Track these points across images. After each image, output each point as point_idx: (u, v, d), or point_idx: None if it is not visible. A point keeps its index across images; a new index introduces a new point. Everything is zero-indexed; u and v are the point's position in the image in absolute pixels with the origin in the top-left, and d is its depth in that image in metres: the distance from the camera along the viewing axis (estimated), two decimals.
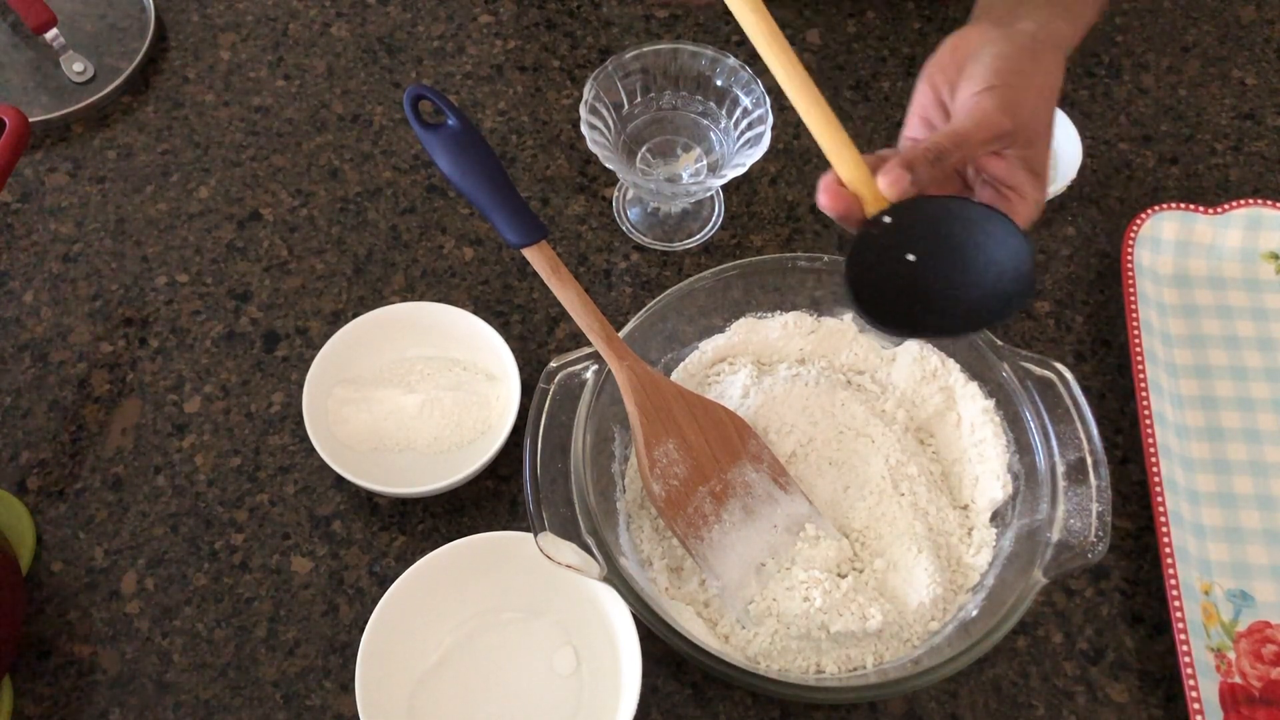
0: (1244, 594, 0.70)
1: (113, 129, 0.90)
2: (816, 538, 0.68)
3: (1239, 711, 0.66)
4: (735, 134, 0.81)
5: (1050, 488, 0.66)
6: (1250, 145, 0.90)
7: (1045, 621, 0.71)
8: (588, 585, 0.65)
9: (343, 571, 0.72)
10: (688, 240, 0.84)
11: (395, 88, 0.92)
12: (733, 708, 0.69)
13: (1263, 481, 0.74)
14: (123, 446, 0.77)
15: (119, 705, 0.68)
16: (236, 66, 0.93)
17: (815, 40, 0.95)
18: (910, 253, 0.58)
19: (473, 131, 0.68)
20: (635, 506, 0.71)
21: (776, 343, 0.76)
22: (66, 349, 0.80)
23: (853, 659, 0.66)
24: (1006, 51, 0.62)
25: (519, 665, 0.68)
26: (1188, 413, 0.76)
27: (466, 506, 0.74)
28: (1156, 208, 0.82)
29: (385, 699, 0.64)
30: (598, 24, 0.96)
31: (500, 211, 0.67)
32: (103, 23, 0.95)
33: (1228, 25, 0.96)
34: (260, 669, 0.69)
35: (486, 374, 0.77)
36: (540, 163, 0.89)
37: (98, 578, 0.72)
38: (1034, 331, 0.81)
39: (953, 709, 0.68)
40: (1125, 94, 0.92)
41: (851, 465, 0.71)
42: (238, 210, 0.86)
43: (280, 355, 0.80)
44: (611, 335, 0.68)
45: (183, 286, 0.83)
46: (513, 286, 0.83)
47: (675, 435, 0.67)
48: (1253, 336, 0.79)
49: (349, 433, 0.74)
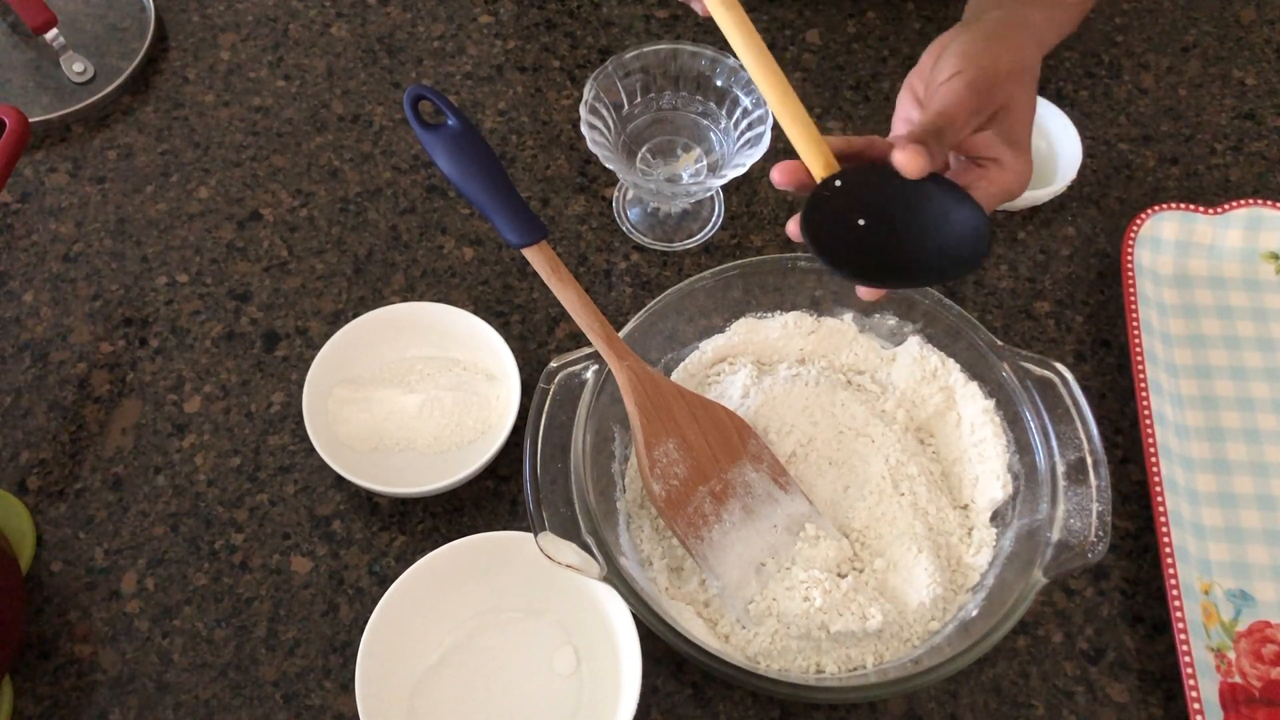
0: (1244, 594, 0.70)
1: (113, 129, 0.90)
2: (816, 538, 0.68)
3: (1239, 711, 0.66)
4: (735, 134, 0.81)
5: (1050, 488, 0.66)
6: (1250, 145, 0.90)
7: (1045, 621, 0.71)
8: (588, 585, 0.65)
9: (343, 571, 0.72)
10: (688, 240, 0.85)
11: (395, 88, 0.92)
12: (733, 708, 0.69)
13: (1263, 481, 0.74)
14: (123, 446, 0.77)
15: (119, 705, 0.68)
16: (236, 66, 0.93)
17: (815, 40, 0.95)
18: (861, 217, 0.60)
19: (473, 132, 0.68)
20: (635, 506, 0.71)
21: (776, 343, 0.76)
22: (66, 349, 0.80)
23: (853, 659, 0.66)
24: (971, 38, 0.66)
25: (519, 665, 0.68)
26: (1188, 413, 0.76)
27: (466, 506, 0.74)
28: (1156, 208, 0.82)
29: (385, 699, 0.64)
30: (598, 24, 0.96)
31: (500, 211, 0.67)
32: (103, 23, 0.95)
33: (1228, 25, 0.96)
34: (260, 669, 0.69)
35: (486, 374, 0.77)
36: (540, 163, 0.89)
37: (98, 578, 0.72)
38: (1034, 331, 0.81)
39: (953, 709, 0.68)
40: (1125, 94, 0.92)
41: (851, 465, 0.71)
42: (238, 210, 0.86)
43: (280, 355, 0.80)
44: (611, 335, 0.68)
45: (183, 286, 0.83)
46: (513, 286, 0.83)
47: (675, 435, 0.67)
48: (1253, 336, 0.79)
49: (349, 433, 0.74)
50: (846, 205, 0.60)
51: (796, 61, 0.94)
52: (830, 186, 0.60)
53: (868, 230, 0.59)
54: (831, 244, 0.59)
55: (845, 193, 0.60)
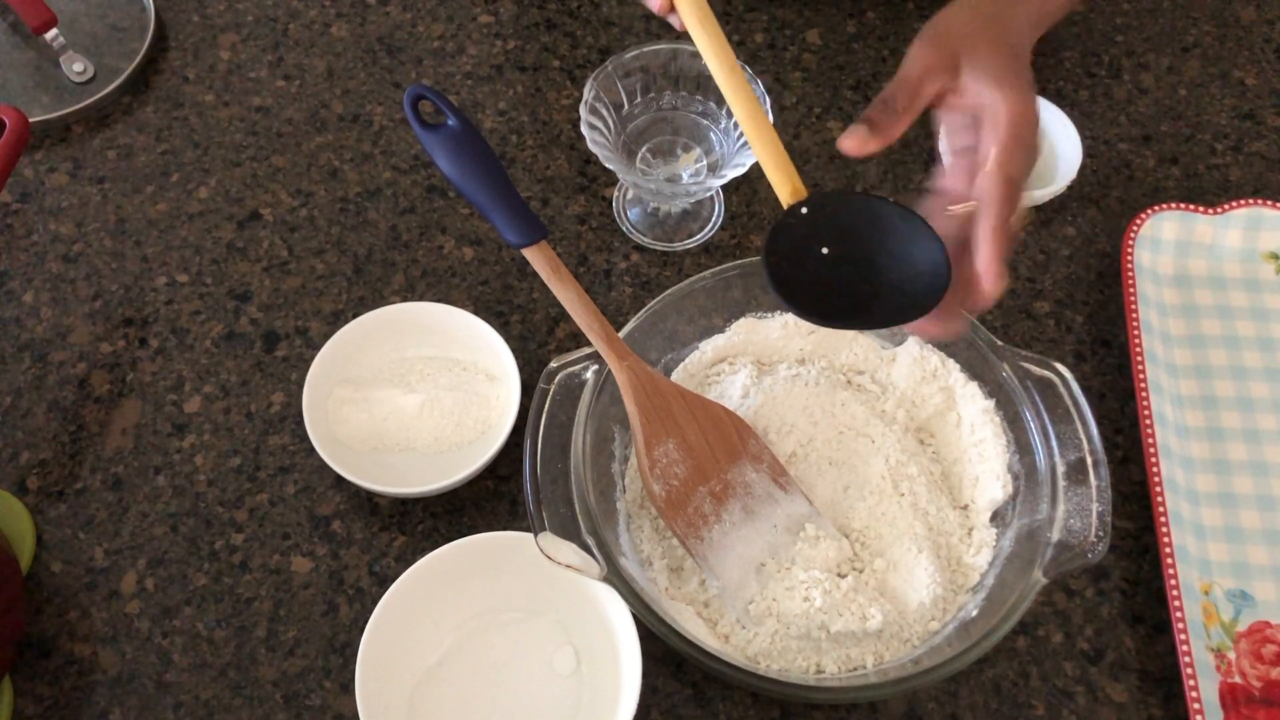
0: (1244, 594, 0.70)
1: (113, 129, 0.90)
2: (816, 538, 0.68)
3: (1239, 711, 0.66)
4: (735, 134, 0.81)
5: (1050, 488, 0.66)
6: (1250, 145, 0.90)
7: (1045, 621, 0.71)
8: (588, 585, 0.65)
9: (343, 571, 0.72)
10: (688, 240, 0.85)
11: (395, 88, 0.92)
12: (733, 708, 0.69)
13: (1263, 481, 0.73)
14: (123, 446, 0.77)
15: (119, 705, 0.68)
16: (236, 66, 0.93)
17: (815, 40, 0.95)
18: (825, 245, 0.60)
19: (473, 131, 0.68)
20: (635, 506, 0.71)
21: (776, 343, 0.76)
22: (66, 349, 0.80)
23: (853, 659, 0.66)
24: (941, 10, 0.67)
25: (519, 665, 0.68)
26: (1188, 413, 0.76)
27: (466, 506, 0.74)
28: (1156, 208, 0.82)
29: (385, 699, 0.64)
30: (598, 24, 0.96)
31: (500, 211, 0.67)
32: (103, 23, 0.95)
33: (1228, 25, 0.96)
34: (260, 669, 0.69)
35: (486, 374, 0.77)
36: (540, 163, 0.89)
37: (98, 578, 0.72)
38: (1034, 331, 0.81)
39: (953, 709, 0.68)
40: (1125, 94, 0.92)
41: (851, 465, 0.71)
42: (238, 210, 0.86)
43: (280, 355, 0.80)
44: (611, 335, 0.68)
45: (183, 286, 0.83)
46: (513, 286, 0.83)
47: (675, 435, 0.67)
48: (1253, 336, 0.79)
49: (349, 433, 0.74)
50: (812, 233, 0.60)
51: (796, 61, 0.94)
52: (796, 213, 0.60)
53: (832, 259, 0.59)
54: (793, 275, 0.59)
55: (810, 220, 0.60)
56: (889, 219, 0.59)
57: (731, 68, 0.62)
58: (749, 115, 0.61)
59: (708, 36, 0.62)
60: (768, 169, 0.61)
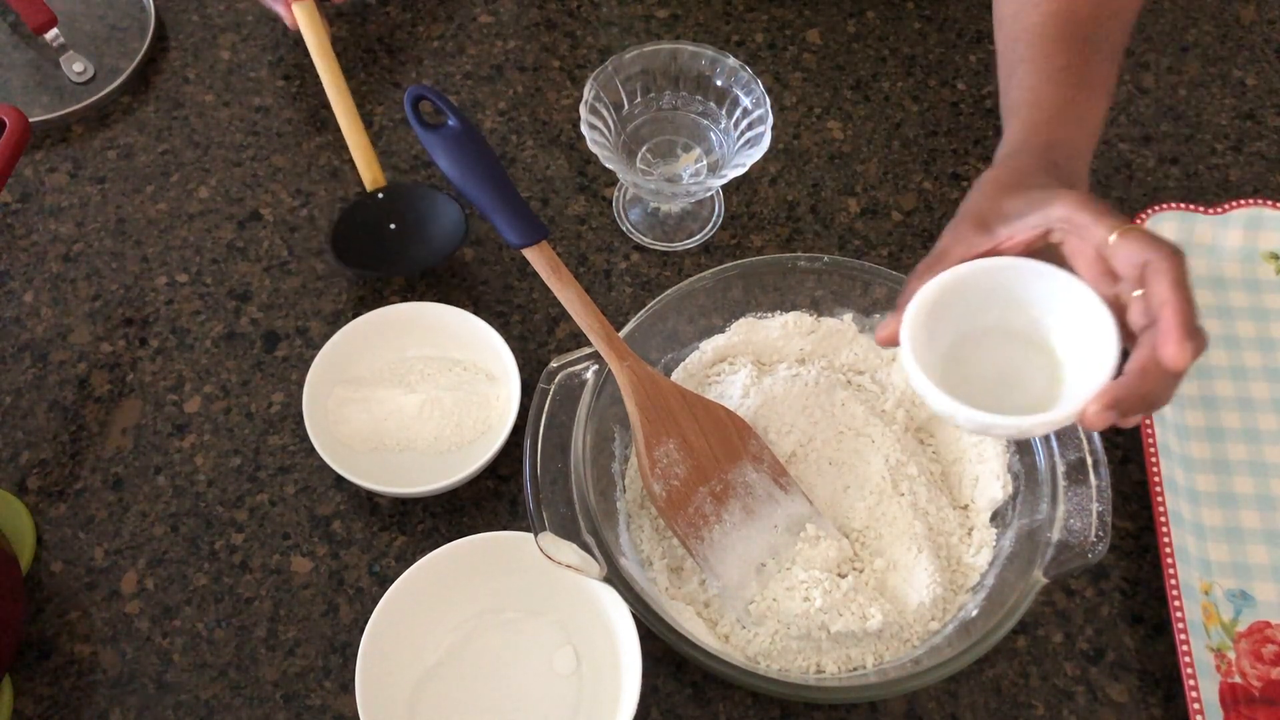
0: (1244, 594, 0.70)
1: (113, 129, 0.90)
2: (816, 538, 0.68)
3: (1239, 711, 0.66)
4: (735, 134, 0.81)
5: (1050, 488, 0.66)
6: (1250, 145, 0.90)
7: (1045, 621, 0.71)
8: (588, 585, 0.65)
9: (343, 571, 0.72)
10: (688, 240, 0.85)
11: (395, 88, 0.92)
12: (733, 708, 0.69)
13: (1263, 481, 0.73)
14: (123, 446, 0.77)
15: (119, 705, 0.68)
16: (236, 66, 0.93)
17: (815, 40, 0.95)
18: (392, 222, 0.83)
19: (473, 131, 0.68)
20: (635, 506, 0.71)
21: (776, 343, 0.76)
22: (66, 349, 0.80)
23: (853, 659, 0.66)
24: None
25: (519, 665, 0.68)
26: (1188, 413, 0.76)
27: (466, 506, 0.74)
28: (1156, 208, 0.82)
29: (385, 699, 0.64)
30: (598, 24, 0.96)
31: (500, 211, 0.67)
32: (103, 23, 0.95)
33: (1228, 25, 0.96)
34: (260, 669, 0.69)
35: (486, 374, 0.77)
36: (540, 163, 0.89)
37: (98, 578, 0.72)
38: None
39: (953, 709, 0.68)
40: (1125, 94, 0.92)
41: (851, 465, 0.71)
42: (238, 210, 0.86)
43: (280, 355, 0.80)
44: (612, 335, 0.68)
45: (183, 286, 0.83)
46: (513, 286, 0.83)
47: (676, 435, 0.67)
48: (1253, 336, 0.79)
49: (349, 433, 0.74)
50: (383, 213, 0.82)
51: (796, 61, 0.94)
52: (373, 197, 0.82)
53: (395, 232, 0.82)
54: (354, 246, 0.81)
55: (385, 204, 0.83)
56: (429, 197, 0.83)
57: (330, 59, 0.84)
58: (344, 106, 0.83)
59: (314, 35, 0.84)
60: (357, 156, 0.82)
